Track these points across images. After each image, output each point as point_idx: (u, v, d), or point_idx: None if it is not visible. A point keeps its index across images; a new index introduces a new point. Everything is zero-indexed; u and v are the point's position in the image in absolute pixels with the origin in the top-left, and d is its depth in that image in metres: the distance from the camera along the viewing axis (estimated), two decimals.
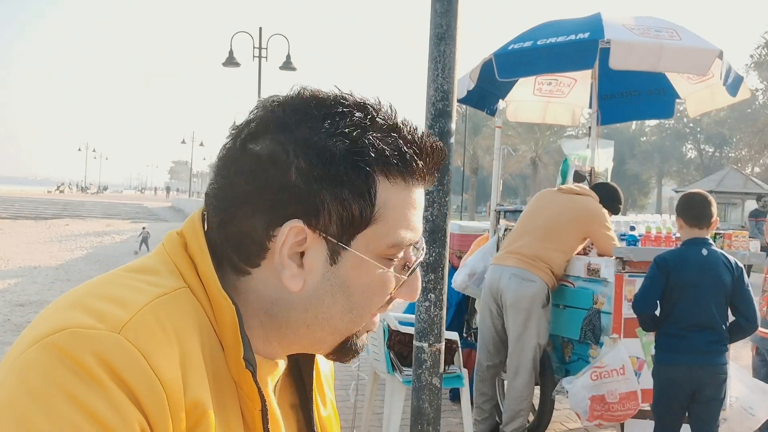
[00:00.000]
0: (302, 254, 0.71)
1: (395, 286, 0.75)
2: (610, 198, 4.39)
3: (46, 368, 0.58)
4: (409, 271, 0.76)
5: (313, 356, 0.84)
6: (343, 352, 0.77)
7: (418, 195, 0.75)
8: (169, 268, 0.72)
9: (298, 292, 0.72)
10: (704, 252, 3.22)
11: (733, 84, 4.79)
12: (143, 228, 16.68)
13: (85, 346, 0.59)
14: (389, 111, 0.74)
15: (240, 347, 0.69)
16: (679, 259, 3.23)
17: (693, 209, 3.26)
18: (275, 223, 0.69)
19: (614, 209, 4.40)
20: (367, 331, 0.79)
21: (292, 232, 0.69)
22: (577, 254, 4.28)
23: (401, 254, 0.74)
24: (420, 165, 0.73)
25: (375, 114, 0.72)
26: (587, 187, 4.42)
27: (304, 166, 0.68)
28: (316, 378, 0.86)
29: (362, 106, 0.72)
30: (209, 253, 0.72)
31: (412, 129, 0.73)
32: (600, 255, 4.14)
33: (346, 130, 0.69)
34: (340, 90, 0.74)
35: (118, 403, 0.58)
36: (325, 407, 0.88)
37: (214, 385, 0.68)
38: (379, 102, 0.74)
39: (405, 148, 0.71)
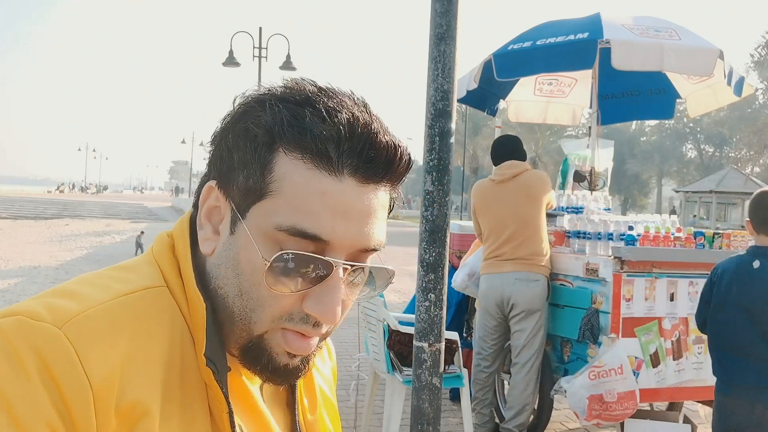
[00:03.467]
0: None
1: (289, 287, 0.66)
2: (517, 148, 4.39)
3: None
4: (313, 276, 0.66)
5: None
6: (251, 357, 0.70)
7: (335, 184, 0.66)
8: (152, 267, 0.73)
9: (209, 257, 0.72)
10: (756, 264, 2.81)
11: (737, 84, 4.80)
12: (141, 232, 16.60)
13: (24, 336, 0.61)
14: (318, 91, 0.69)
15: (203, 345, 0.68)
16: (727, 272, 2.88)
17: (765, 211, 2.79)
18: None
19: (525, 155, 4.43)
20: (294, 355, 0.70)
21: (209, 193, 0.72)
22: (574, 254, 4.29)
23: (299, 246, 0.66)
24: (326, 145, 0.65)
25: (301, 89, 0.69)
26: (521, 162, 4.35)
27: (230, 133, 0.70)
28: (305, 381, 0.86)
29: (296, 84, 0.71)
30: (193, 246, 0.74)
31: (337, 107, 0.67)
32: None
33: (265, 101, 0.69)
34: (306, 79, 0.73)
35: (36, 398, 0.59)
36: (313, 411, 0.86)
37: (180, 385, 0.68)
38: (327, 86, 0.71)
39: (309, 121, 0.66)
